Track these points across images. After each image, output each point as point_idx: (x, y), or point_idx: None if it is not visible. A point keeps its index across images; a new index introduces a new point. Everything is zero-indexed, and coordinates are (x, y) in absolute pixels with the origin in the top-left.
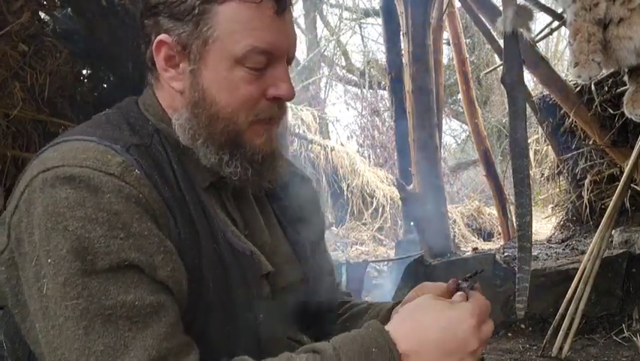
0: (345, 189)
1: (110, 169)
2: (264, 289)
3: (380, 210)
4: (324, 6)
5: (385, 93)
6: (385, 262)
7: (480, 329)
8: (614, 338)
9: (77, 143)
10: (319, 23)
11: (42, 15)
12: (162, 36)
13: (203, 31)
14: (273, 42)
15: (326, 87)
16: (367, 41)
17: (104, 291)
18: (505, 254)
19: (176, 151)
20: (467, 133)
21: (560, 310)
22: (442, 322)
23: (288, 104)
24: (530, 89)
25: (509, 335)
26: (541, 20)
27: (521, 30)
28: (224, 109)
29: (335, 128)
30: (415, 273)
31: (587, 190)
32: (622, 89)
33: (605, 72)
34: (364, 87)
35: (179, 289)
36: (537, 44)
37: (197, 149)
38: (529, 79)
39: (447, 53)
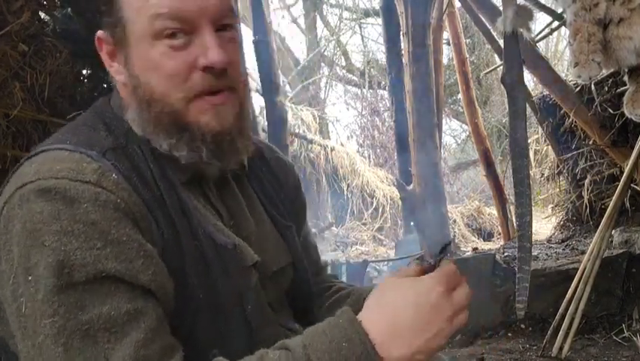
0: (345, 189)
1: (86, 177)
2: (251, 279)
3: (380, 210)
4: (324, 6)
5: (385, 93)
6: (385, 262)
7: (451, 294)
8: (614, 338)
9: (53, 153)
10: (319, 23)
11: (42, 15)
12: (99, 33)
13: (118, 17)
14: (178, 5)
15: (326, 87)
16: (367, 41)
17: (81, 306)
18: (505, 254)
19: (151, 148)
20: (467, 133)
21: (559, 310)
22: (409, 298)
23: (288, 104)
24: (530, 89)
25: (509, 335)
26: (541, 20)
27: (521, 30)
28: (157, 91)
29: (335, 128)
30: None
31: (587, 190)
32: (622, 89)
33: (605, 72)
34: (364, 87)
35: (164, 292)
36: (537, 44)
37: (151, 139)
38: (529, 79)
39: (447, 53)
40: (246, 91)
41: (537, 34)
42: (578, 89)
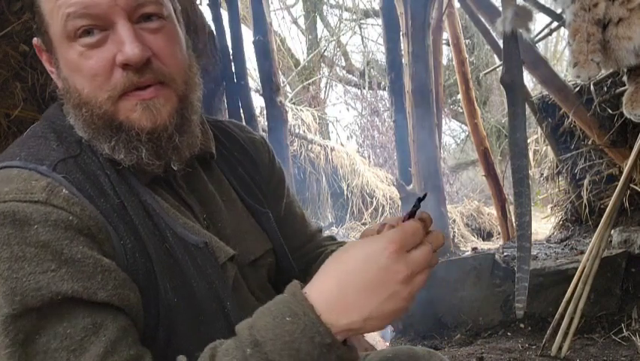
0: (345, 189)
1: (35, 196)
2: (228, 275)
3: (380, 210)
4: (324, 6)
5: (385, 93)
6: None
7: (406, 253)
8: (613, 337)
9: (1, 173)
10: (319, 24)
11: None
12: (34, 40)
13: (41, 22)
14: (85, 2)
15: (326, 87)
16: (367, 42)
17: (38, 330)
18: (505, 254)
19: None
20: (467, 133)
21: (559, 310)
22: (358, 260)
23: (288, 104)
24: (529, 90)
25: (508, 334)
26: (540, 21)
27: (520, 30)
28: (83, 93)
29: (335, 128)
30: None
31: (586, 190)
32: (621, 89)
33: (604, 72)
34: (364, 87)
35: (128, 303)
36: (536, 45)
37: (94, 145)
38: (528, 79)
39: (446, 54)
40: (190, 82)
41: (536, 35)
42: (577, 89)
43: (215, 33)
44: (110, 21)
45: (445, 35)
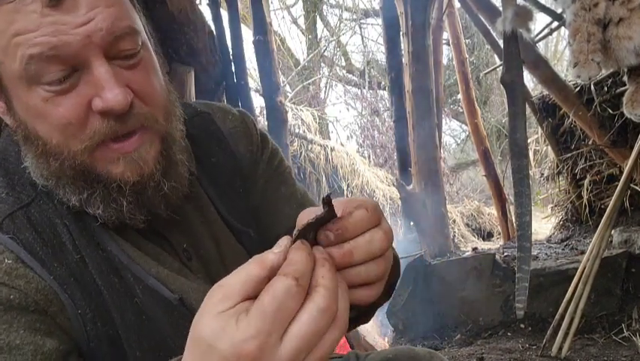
0: (345, 189)
1: None
2: None
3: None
4: (324, 6)
5: (385, 93)
6: None
7: (270, 351)
8: (614, 337)
9: None
10: (319, 24)
11: None
12: None
13: None
14: (53, 42)
15: (326, 87)
16: (367, 41)
17: None
18: (505, 254)
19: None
20: (467, 133)
21: (559, 310)
22: (204, 339)
23: (288, 104)
24: (530, 89)
25: (509, 334)
26: (540, 20)
27: (521, 30)
28: (49, 142)
29: (335, 128)
30: (415, 273)
31: (587, 190)
32: (621, 89)
33: (604, 72)
34: (364, 87)
35: None
36: (537, 44)
37: (56, 193)
38: (528, 79)
39: (447, 53)
40: (170, 117)
41: (536, 35)
42: (577, 89)
43: (214, 33)
44: (84, 60)
45: (445, 35)
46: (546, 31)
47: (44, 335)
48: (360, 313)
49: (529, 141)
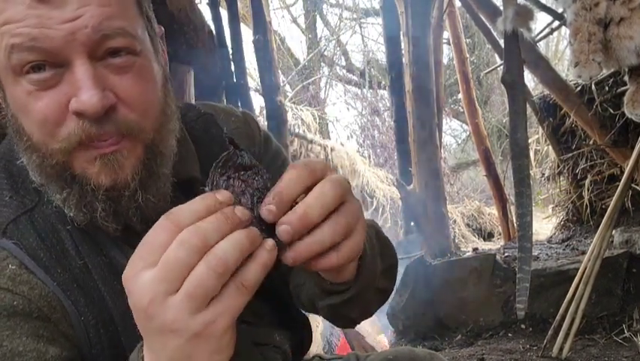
0: None
1: None
2: None
3: (380, 210)
4: (324, 6)
5: (385, 93)
6: None
7: (138, 273)
8: (615, 338)
9: None
10: (319, 23)
11: None
12: None
13: None
14: (34, 33)
15: (326, 87)
16: (367, 41)
17: None
18: (506, 254)
19: None
20: (467, 133)
21: (560, 311)
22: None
23: (288, 104)
24: (530, 89)
25: (509, 335)
26: (541, 20)
27: (521, 30)
28: (31, 137)
29: (335, 128)
30: (415, 273)
31: (588, 190)
32: (622, 89)
33: (605, 72)
34: (364, 87)
35: None
36: (537, 44)
37: (46, 191)
38: (529, 79)
39: (447, 53)
40: (162, 129)
41: (537, 34)
42: (578, 88)
43: (214, 32)
44: (66, 58)
45: (446, 34)
46: (547, 30)
47: (47, 342)
48: (360, 291)
49: (529, 140)
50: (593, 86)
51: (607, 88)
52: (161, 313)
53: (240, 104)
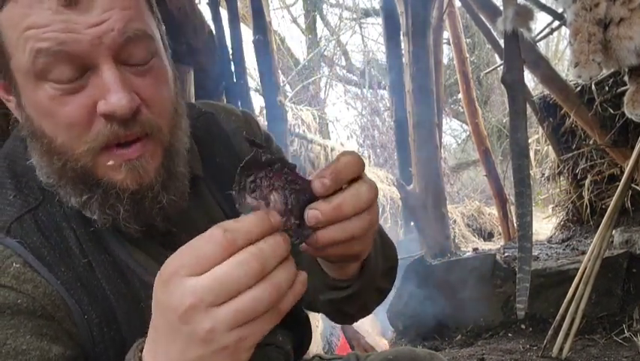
0: None
1: None
2: None
3: (380, 210)
4: (324, 6)
5: (385, 93)
6: None
7: (212, 308)
8: (615, 338)
9: None
10: (319, 23)
11: None
12: None
13: (1, 50)
14: (62, 37)
15: (326, 87)
16: (367, 41)
17: None
18: (506, 254)
19: None
20: (467, 133)
21: (560, 311)
22: (159, 319)
23: (288, 104)
24: (531, 89)
25: (509, 335)
26: (541, 20)
27: (521, 30)
28: (53, 141)
29: (335, 128)
30: (415, 273)
31: (588, 190)
32: (622, 89)
33: (605, 72)
34: (364, 87)
35: None
36: (537, 44)
37: (57, 192)
38: (529, 79)
39: (447, 53)
40: (176, 129)
41: (537, 34)
42: (578, 89)
43: (214, 32)
44: (93, 62)
45: (446, 34)
46: (547, 30)
47: (51, 341)
48: (361, 289)
49: (529, 140)
50: (593, 86)
51: (607, 88)
52: (199, 321)
53: (240, 104)
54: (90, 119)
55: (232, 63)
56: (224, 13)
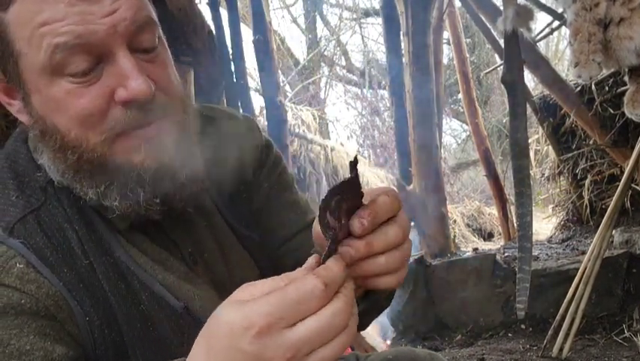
0: None
1: None
2: None
3: None
4: (324, 6)
5: (385, 93)
6: None
7: (283, 330)
8: (615, 338)
9: None
10: (319, 23)
11: None
12: None
13: (7, 50)
14: (79, 30)
15: (326, 87)
16: (367, 41)
17: None
18: (506, 254)
19: (75, 199)
20: (467, 133)
21: (560, 311)
22: (222, 341)
23: (288, 104)
24: (530, 89)
25: (509, 335)
26: (541, 20)
27: (522, 30)
28: (67, 135)
29: (335, 128)
30: (415, 273)
31: (588, 190)
32: (622, 89)
33: (605, 72)
34: (364, 87)
35: None
36: (537, 44)
37: (74, 189)
38: (529, 79)
39: (447, 53)
40: (187, 109)
41: (537, 34)
42: (578, 89)
43: (214, 32)
44: (109, 51)
45: (446, 34)
46: (547, 30)
47: (54, 341)
48: (366, 309)
49: (529, 140)
50: (593, 86)
51: (607, 88)
52: (274, 346)
53: (239, 104)
54: (107, 109)
55: (232, 63)
56: (224, 13)
